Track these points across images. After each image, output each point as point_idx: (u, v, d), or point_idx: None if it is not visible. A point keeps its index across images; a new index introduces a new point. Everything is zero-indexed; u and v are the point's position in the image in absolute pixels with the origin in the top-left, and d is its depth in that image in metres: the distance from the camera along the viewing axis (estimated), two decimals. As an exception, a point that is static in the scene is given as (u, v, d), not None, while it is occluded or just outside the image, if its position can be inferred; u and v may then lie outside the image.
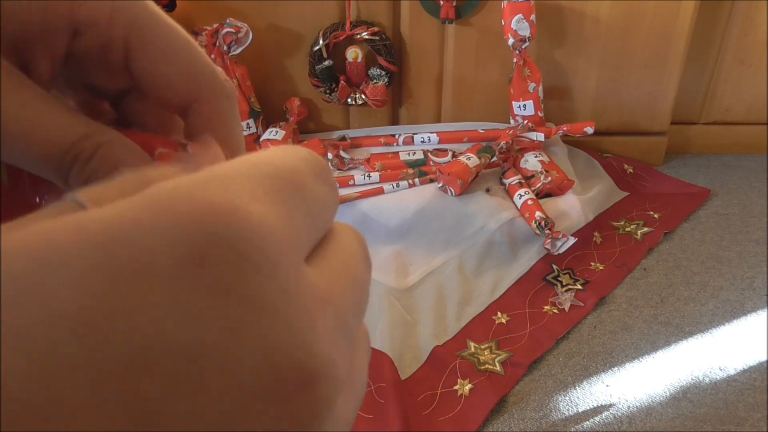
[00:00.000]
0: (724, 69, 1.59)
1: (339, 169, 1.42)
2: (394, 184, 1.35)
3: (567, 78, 1.54)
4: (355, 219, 1.31)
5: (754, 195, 1.51)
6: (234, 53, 1.38)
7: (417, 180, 1.36)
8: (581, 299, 1.18)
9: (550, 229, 1.24)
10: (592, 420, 0.96)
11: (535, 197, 1.31)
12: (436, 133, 1.51)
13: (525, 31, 1.35)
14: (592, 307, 1.16)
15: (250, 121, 1.47)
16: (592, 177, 1.50)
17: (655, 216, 1.42)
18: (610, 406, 0.98)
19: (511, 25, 1.35)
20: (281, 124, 1.50)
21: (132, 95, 0.21)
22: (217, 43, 1.38)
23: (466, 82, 1.53)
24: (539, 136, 1.42)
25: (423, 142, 1.50)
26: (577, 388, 1.01)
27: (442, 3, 1.40)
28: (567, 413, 0.97)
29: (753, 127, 1.67)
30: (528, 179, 1.38)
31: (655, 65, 1.51)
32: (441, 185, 1.33)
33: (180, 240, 0.11)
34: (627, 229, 1.38)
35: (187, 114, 0.20)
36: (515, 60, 1.41)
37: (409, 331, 1.11)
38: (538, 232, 1.25)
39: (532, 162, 1.40)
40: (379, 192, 1.34)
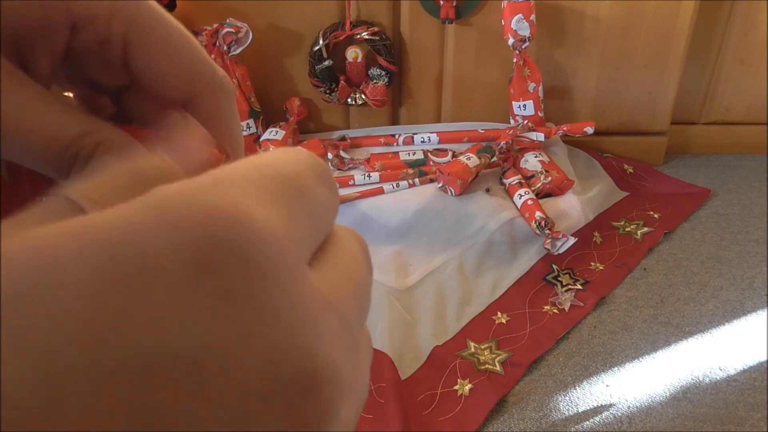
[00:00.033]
0: (724, 69, 1.59)
1: (339, 169, 1.42)
2: (394, 184, 1.35)
3: (567, 78, 1.54)
4: (355, 219, 1.30)
5: (754, 195, 1.51)
6: (234, 53, 1.38)
7: (417, 180, 1.36)
8: (581, 299, 1.17)
9: (550, 229, 1.24)
10: (592, 420, 0.96)
11: (535, 197, 1.31)
12: (436, 133, 1.51)
13: (525, 31, 1.35)
14: (592, 307, 1.16)
15: (250, 121, 1.47)
16: (592, 177, 1.50)
17: (655, 216, 1.41)
18: (610, 406, 0.98)
19: (511, 25, 1.35)
20: (281, 124, 1.50)
21: (132, 90, 0.21)
22: (217, 43, 1.37)
23: (466, 82, 1.53)
24: (539, 136, 1.42)
25: (423, 142, 1.50)
26: (577, 388, 1.01)
27: (442, 3, 1.40)
28: (567, 413, 0.97)
29: (753, 127, 1.66)
30: (528, 179, 1.38)
31: (655, 65, 1.51)
32: (441, 185, 1.33)
33: (184, 244, 0.11)
34: (627, 229, 1.37)
35: (187, 111, 0.20)
36: (515, 60, 1.41)
37: (409, 331, 1.10)
38: (538, 232, 1.25)
39: (532, 162, 1.40)
40: (379, 192, 1.34)
